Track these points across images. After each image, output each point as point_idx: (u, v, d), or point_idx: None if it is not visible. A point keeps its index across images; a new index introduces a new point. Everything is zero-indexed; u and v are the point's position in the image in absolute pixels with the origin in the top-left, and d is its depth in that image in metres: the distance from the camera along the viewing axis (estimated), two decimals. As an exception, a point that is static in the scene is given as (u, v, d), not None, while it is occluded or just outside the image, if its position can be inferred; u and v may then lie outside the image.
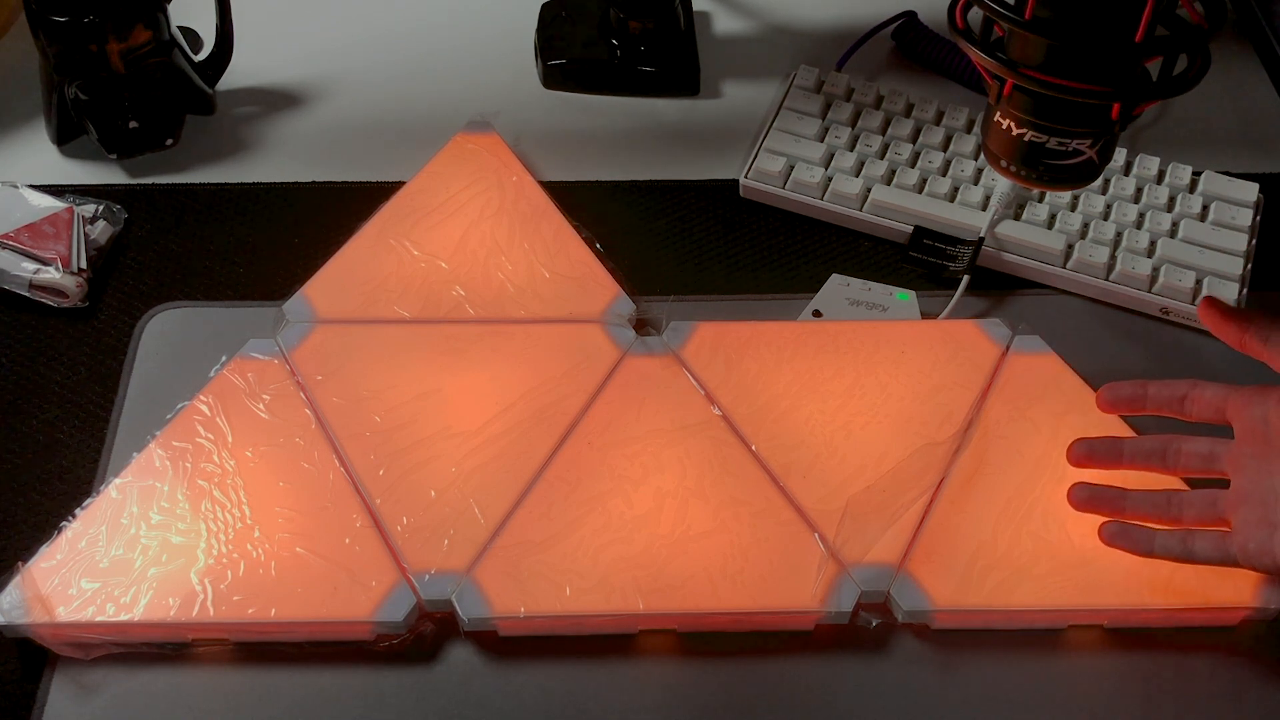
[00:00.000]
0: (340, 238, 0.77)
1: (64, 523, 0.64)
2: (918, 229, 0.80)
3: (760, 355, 0.72)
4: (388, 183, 0.82)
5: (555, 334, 0.73)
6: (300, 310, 0.73)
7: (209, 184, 0.83)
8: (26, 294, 0.75)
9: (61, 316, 0.76)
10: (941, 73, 0.92)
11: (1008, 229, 0.79)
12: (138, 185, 0.83)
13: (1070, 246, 0.78)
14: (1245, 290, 0.77)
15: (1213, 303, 0.64)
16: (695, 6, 0.95)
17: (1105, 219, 0.80)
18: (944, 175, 0.82)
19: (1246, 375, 0.75)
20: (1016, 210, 0.80)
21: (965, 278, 0.77)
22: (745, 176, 0.83)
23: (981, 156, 0.81)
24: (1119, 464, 0.65)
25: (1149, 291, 0.77)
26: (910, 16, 0.93)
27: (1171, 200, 0.81)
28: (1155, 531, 0.62)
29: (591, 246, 0.77)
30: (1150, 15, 0.57)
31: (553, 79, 0.91)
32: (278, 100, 0.89)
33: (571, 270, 0.76)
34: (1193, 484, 0.65)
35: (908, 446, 0.67)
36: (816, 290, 0.77)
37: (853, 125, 0.85)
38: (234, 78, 0.88)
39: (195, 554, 0.63)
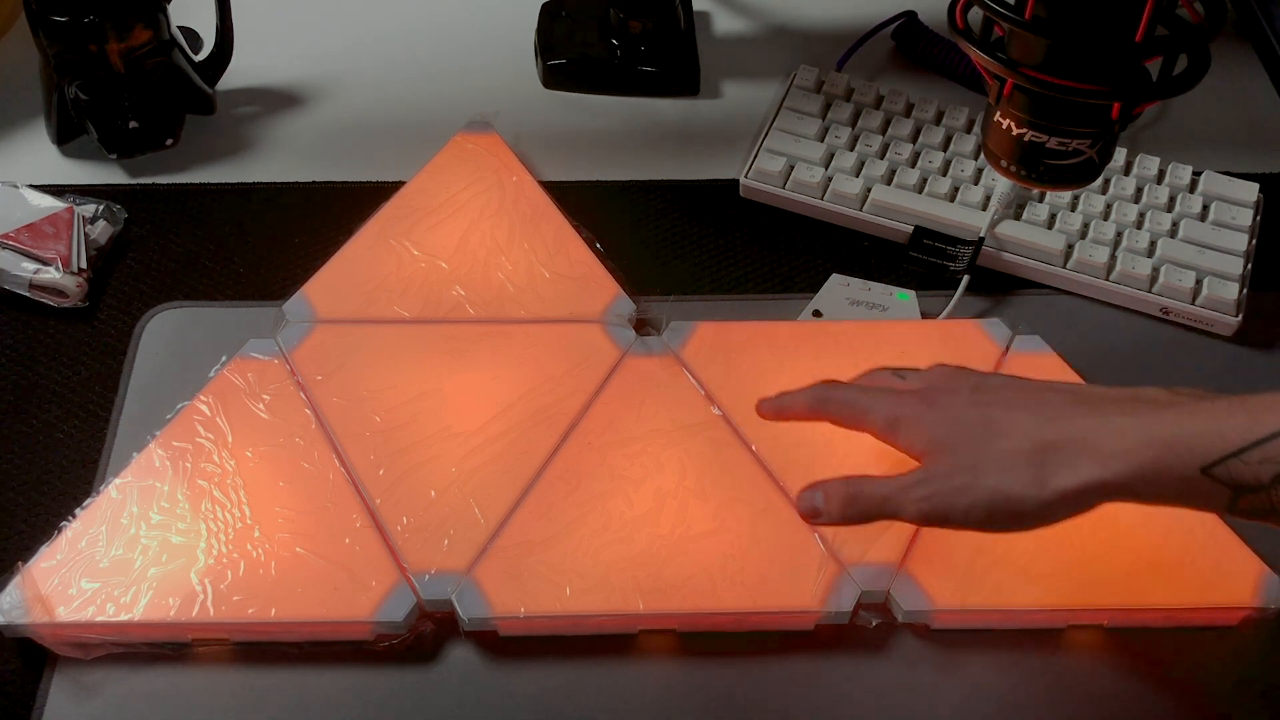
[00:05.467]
0: (340, 238, 0.77)
1: (64, 523, 0.64)
2: (918, 229, 0.79)
3: (760, 355, 0.72)
4: (388, 183, 0.81)
5: (555, 334, 0.73)
6: (300, 310, 0.73)
7: (209, 184, 0.83)
8: (26, 294, 0.75)
9: (61, 316, 0.76)
10: (941, 73, 0.91)
11: (1008, 229, 0.79)
12: (138, 185, 0.83)
13: (1070, 246, 0.78)
14: (1245, 290, 0.77)
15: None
16: (695, 6, 0.95)
17: (1105, 219, 0.80)
18: (944, 175, 0.82)
19: (1249, 376, 0.76)
20: (1016, 210, 0.80)
21: (965, 278, 0.77)
22: (745, 176, 0.83)
23: (981, 156, 0.80)
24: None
25: (1149, 291, 0.77)
26: (910, 16, 0.93)
27: (1171, 200, 0.81)
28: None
29: (591, 246, 0.77)
30: (1150, 15, 0.57)
31: (553, 79, 0.91)
32: (278, 100, 0.89)
33: (571, 270, 0.76)
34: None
35: (908, 446, 0.67)
36: (816, 290, 0.77)
37: (853, 125, 0.85)
38: (234, 78, 0.88)
39: (195, 554, 0.63)
